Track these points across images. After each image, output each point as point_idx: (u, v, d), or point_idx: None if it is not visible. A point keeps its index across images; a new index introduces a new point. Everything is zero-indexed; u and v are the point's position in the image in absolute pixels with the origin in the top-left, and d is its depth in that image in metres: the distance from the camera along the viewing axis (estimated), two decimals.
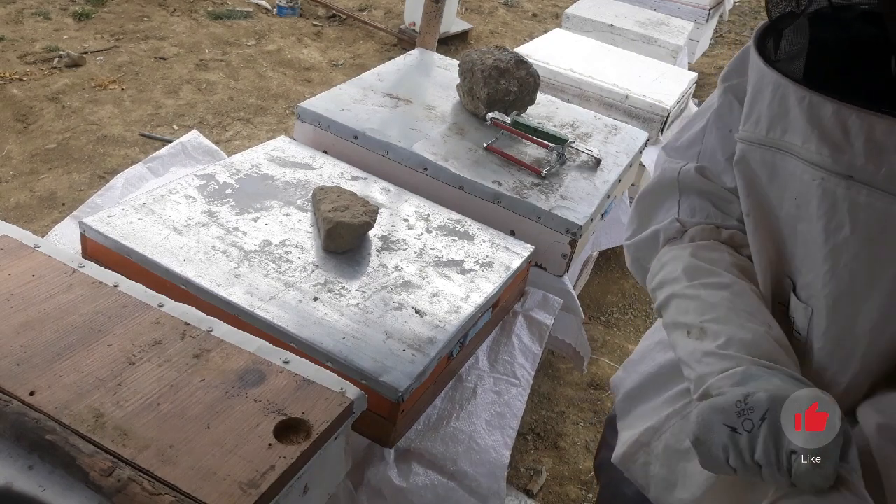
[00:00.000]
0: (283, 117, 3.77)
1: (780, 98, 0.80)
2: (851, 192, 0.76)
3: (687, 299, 0.89)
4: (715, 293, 0.87)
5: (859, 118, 0.74)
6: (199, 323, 1.00)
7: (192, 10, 4.83)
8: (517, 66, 1.94)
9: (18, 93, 3.51)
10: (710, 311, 0.85)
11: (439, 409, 1.33)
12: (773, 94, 0.81)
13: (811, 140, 0.77)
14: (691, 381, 0.83)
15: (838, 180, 0.77)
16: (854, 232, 0.77)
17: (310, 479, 0.88)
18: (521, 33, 5.58)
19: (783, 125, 0.80)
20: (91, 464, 0.77)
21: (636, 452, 1.01)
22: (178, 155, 1.82)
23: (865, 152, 0.74)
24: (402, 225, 1.51)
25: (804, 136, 0.78)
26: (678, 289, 0.90)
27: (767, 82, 0.82)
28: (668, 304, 0.92)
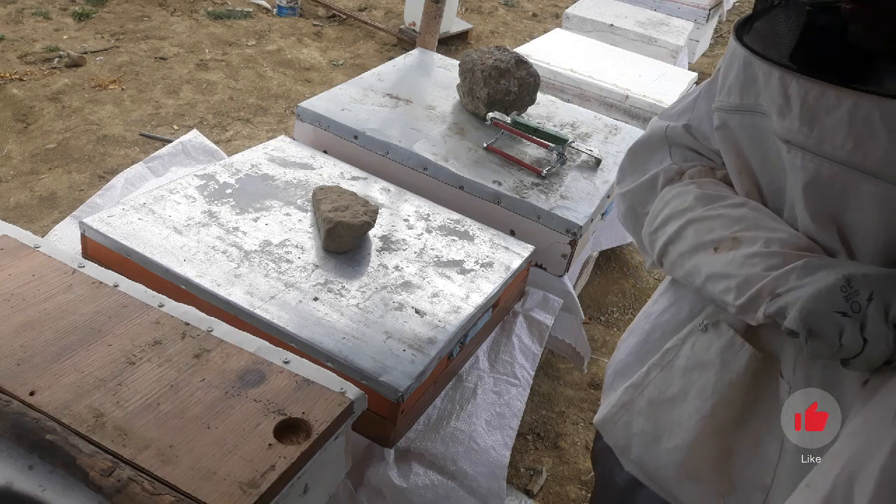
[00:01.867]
0: (283, 117, 3.77)
1: (748, 68, 0.86)
2: (790, 156, 0.81)
3: (708, 220, 0.91)
4: (736, 210, 0.89)
5: (798, 84, 0.79)
6: (199, 323, 1.00)
7: (192, 10, 4.83)
8: (517, 66, 1.94)
9: (18, 93, 3.51)
10: (738, 224, 0.87)
11: (439, 409, 1.33)
12: (742, 66, 0.87)
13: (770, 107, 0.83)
14: (730, 289, 0.83)
15: (780, 143, 0.82)
16: (793, 190, 0.83)
17: (310, 479, 0.88)
18: (521, 33, 5.58)
19: (755, 91, 0.86)
20: (91, 464, 0.77)
21: (617, 413, 1.02)
22: (178, 155, 1.82)
23: (801, 118, 0.79)
24: (402, 225, 1.51)
25: (767, 103, 0.84)
26: (695, 214, 0.92)
27: (737, 56, 0.88)
28: (683, 231, 0.93)
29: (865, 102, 0.74)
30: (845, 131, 0.76)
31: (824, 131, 0.77)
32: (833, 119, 0.76)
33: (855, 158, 0.76)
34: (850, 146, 0.76)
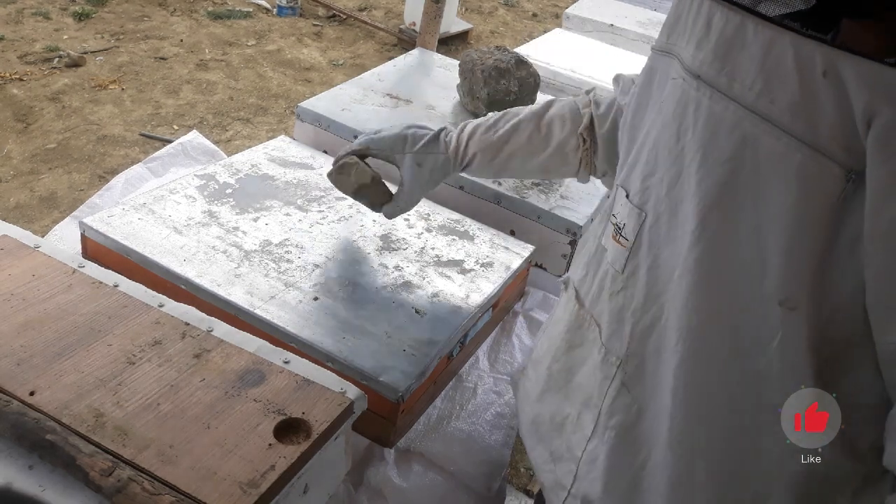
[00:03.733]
0: (283, 117, 3.77)
1: (679, 4, 0.83)
2: (699, 94, 0.75)
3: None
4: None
5: (721, 14, 0.73)
6: (199, 323, 1.00)
7: (192, 10, 4.83)
8: (517, 66, 1.94)
9: (18, 93, 3.52)
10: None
11: (439, 409, 1.33)
12: (675, 4, 0.85)
13: (690, 41, 0.79)
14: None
15: (691, 80, 0.77)
16: (694, 135, 0.77)
17: (310, 479, 0.88)
18: (521, 33, 5.58)
19: (678, 30, 0.83)
20: (91, 464, 0.77)
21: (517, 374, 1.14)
22: (178, 155, 1.82)
23: (715, 51, 0.74)
24: (402, 224, 1.51)
25: (686, 38, 0.80)
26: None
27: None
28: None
29: (781, 40, 0.67)
30: (756, 70, 0.69)
31: (736, 68, 0.71)
32: (746, 55, 0.70)
33: (761, 103, 0.69)
34: (759, 88, 0.69)
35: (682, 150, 0.78)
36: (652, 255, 0.85)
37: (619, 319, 0.90)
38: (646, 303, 0.86)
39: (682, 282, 0.79)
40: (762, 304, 0.72)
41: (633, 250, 0.87)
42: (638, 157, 0.89)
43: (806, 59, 0.65)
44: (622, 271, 0.89)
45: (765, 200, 0.70)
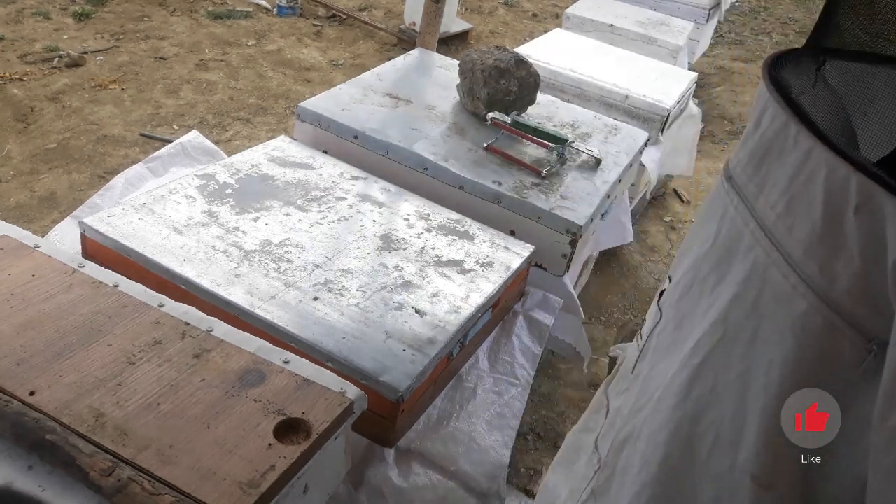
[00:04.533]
0: (283, 117, 3.77)
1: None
2: (728, 199, 0.65)
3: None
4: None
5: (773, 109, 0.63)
6: (199, 323, 0.99)
7: (192, 10, 4.83)
8: (517, 66, 1.93)
9: (18, 93, 3.51)
10: None
11: (439, 409, 1.33)
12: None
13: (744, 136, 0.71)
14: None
15: (725, 180, 0.67)
16: (714, 246, 0.67)
17: (310, 479, 0.88)
18: (521, 33, 5.58)
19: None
20: (91, 464, 0.77)
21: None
22: (178, 155, 1.82)
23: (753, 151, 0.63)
24: (402, 224, 1.51)
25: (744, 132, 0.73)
26: None
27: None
28: None
29: (817, 155, 0.53)
30: (784, 186, 0.56)
31: (767, 178, 0.59)
32: (780, 165, 0.58)
33: (779, 228, 0.56)
34: (781, 209, 0.56)
35: (701, 257, 0.68)
36: (651, 363, 0.75)
37: (612, 423, 0.81)
38: (629, 414, 0.76)
39: (661, 405, 0.68)
40: (731, 473, 0.58)
41: (643, 352, 0.78)
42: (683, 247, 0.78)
43: (837, 186, 0.50)
44: (632, 370, 0.80)
45: (758, 347, 0.57)
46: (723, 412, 0.60)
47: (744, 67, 5.50)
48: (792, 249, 0.54)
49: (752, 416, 0.57)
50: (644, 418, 0.72)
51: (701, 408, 0.62)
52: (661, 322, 0.74)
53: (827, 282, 0.51)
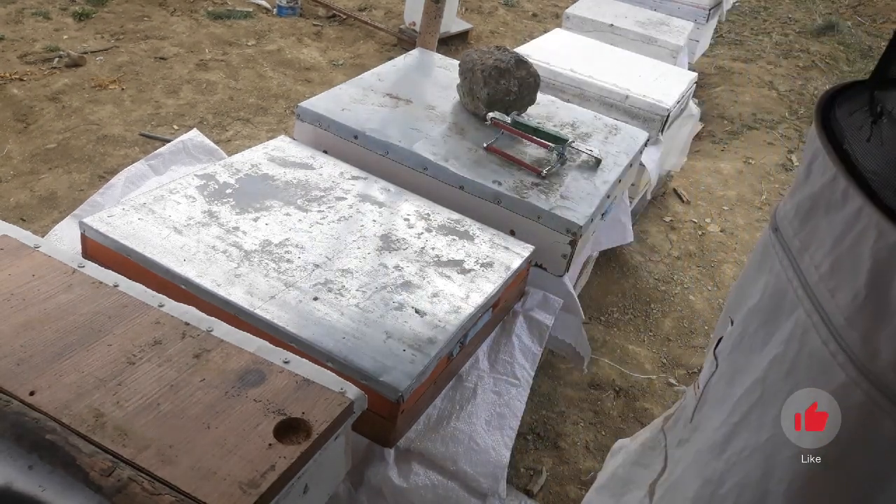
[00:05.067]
0: (283, 117, 3.77)
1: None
2: (773, 251, 0.61)
3: None
4: None
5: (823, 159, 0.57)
6: (199, 323, 0.99)
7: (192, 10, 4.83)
8: (517, 66, 1.94)
9: (18, 93, 3.51)
10: None
11: (439, 409, 1.33)
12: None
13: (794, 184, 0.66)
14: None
15: (771, 231, 0.62)
16: (762, 298, 0.62)
17: (310, 479, 0.88)
18: (521, 33, 5.58)
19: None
20: (91, 464, 0.77)
21: None
22: (178, 153, 1.82)
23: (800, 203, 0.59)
24: (403, 224, 1.51)
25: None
26: None
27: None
28: None
29: (868, 216, 0.49)
30: (830, 246, 0.52)
31: (813, 234, 0.55)
32: (826, 222, 0.53)
33: (822, 290, 0.52)
34: (825, 269, 0.52)
35: (752, 310, 0.64)
36: (707, 415, 0.69)
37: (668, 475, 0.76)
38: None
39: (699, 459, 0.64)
40: None
41: (700, 402, 0.72)
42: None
43: (886, 252, 0.46)
44: (690, 420, 0.74)
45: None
46: (749, 477, 0.56)
47: (744, 67, 5.50)
48: (833, 314, 0.50)
49: (775, 486, 0.53)
50: (685, 469, 0.69)
51: (728, 469, 0.59)
52: (717, 373, 0.69)
53: (869, 355, 0.47)
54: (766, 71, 5.49)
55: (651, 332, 2.72)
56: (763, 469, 0.55)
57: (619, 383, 2.43)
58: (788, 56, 5.69)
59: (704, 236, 3.36)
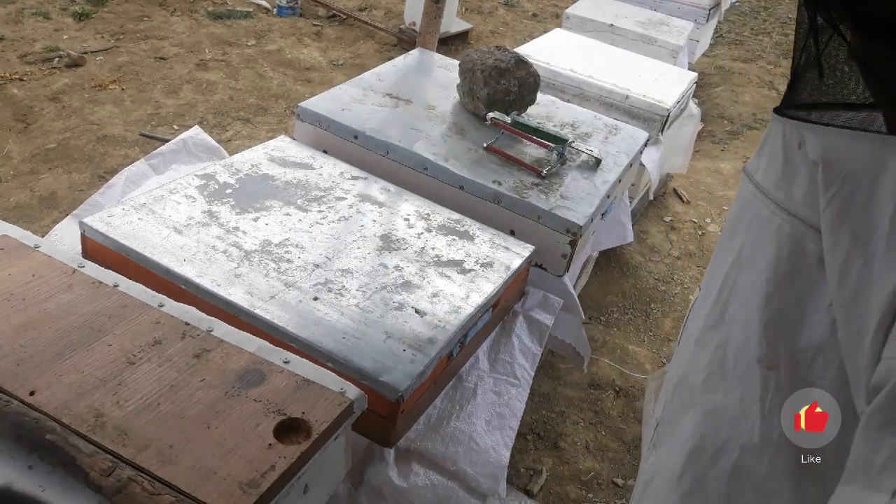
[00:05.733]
0: (283, 117, 3.77)
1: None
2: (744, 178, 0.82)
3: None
4: None
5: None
6: (199, 323, 0.99)
7: (192, 10, 4.83)
8: (517, 66, 1.93)
9: (18, 93, 3.51)
10: None
11: (439, 409, 1.33)
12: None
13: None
14: None
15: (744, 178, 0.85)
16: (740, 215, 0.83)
17: (310, 479, 0.88)
18: (521, 33, 5.58)
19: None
20: (91, 464, 0.77)
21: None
22: (179, 152, 1.82)
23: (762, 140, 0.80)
24: (402, 224, 1.51)
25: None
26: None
27: None
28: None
29: (792, 129, 0.71)
30: (768, 156, 0.74)
31: (764, 158, 0.76)
32: (766, 147, 0.76)
33: (765, 181, 0.74)
34: (763, 165, 0.75)
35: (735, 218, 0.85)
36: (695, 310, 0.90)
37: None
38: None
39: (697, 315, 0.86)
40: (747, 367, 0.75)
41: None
42: None
43: (790, 135, 0.71)
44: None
45: (756, 263, 0.74)
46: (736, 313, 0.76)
47: (744, 67, 5.50)
48: (769, 187, 0.74)
49: (754, 315, 0.73)
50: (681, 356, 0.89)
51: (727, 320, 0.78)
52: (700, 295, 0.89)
53: (789, 200, 0.70)
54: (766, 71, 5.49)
55: (651, 332, 2.72)
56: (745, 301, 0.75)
57: (618, 383, 2.43)
58: (788, 56, 5.69)
59: (704, 236, 3.36)
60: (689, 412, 0.84)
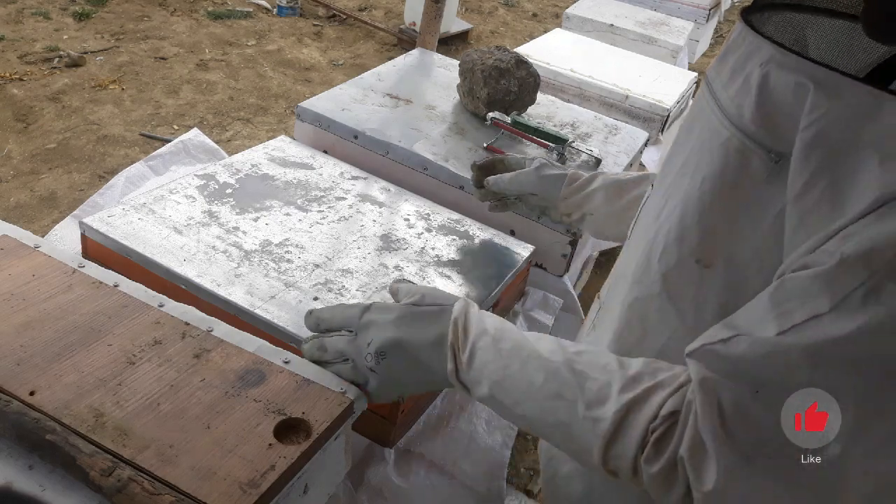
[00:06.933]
0: (283, 117, 3.77)
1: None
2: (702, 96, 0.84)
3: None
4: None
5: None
6: (199, 323, 0.99)
7: (192, 10, 4.83)
8: (517, 66, 1.94)
9: (18, 93, 3.52)
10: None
11: (439, 409, 1.33)
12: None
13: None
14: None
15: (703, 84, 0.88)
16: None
17: (310, 479, 0.88)
18: (521, 33, 5.58)
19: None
20: (91, 464, 0.77)
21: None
22: (178, 153, 1.82)
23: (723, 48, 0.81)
24: (403, 224, 1.51)
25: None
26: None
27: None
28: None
29: (751, 39, 0.72)
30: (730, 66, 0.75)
31: (725, 69, 0.76)
32: (729, 58, 0.76)
33: (721, 96, 0.75)
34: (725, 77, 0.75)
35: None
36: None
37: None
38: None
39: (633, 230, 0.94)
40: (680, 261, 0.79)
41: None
42: None
43: (749, 44, 0.72)
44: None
45: (700, 170, 0.77)
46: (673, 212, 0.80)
47: None
48: (724, 100, 0.75)
49: (693, 216, 0.77)
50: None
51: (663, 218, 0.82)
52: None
53: (739, 116, 0.71)
54: None
55: None
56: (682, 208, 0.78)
57: None
58: None
59: None
60: (621, 299, 0.89)
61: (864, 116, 0.60)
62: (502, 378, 0.81)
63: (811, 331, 0.61)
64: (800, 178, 0.65)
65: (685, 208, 0.77)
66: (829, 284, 0.60)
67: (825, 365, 0.61)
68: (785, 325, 0.62)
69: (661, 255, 0.80)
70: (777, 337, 0.63)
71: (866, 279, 0.58)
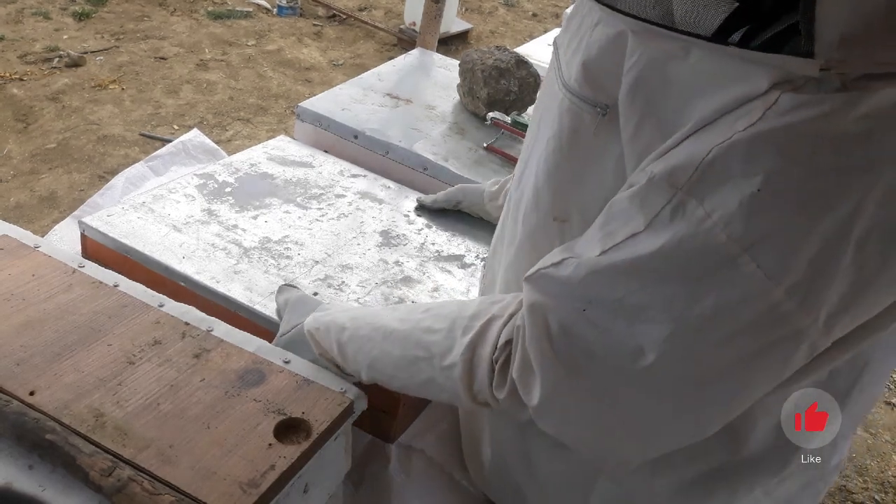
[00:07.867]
0: (283, 117, 3.77)
1: None
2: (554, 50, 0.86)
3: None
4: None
5: None
6: (199, 323, 1.00)
7: (192, 10, 4.84)
8: (517, 66, 1.93)
9: (18, 93, 3.52)
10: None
11: (440, 407, 1.33)
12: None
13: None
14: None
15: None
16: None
17: (310, 479, 0.88)
18: (521, 33, 5.58)
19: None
20: (91, 463, 0.77)
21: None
22: (178, 154, 1.82)
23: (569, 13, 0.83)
24: (403, 220, 1.51)
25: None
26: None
27: None
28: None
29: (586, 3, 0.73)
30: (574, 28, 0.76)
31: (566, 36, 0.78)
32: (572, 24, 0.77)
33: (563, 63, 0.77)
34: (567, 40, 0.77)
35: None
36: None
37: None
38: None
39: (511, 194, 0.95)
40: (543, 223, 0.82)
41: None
42: None
43: (585, 13, 0.74)
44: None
45: (544, 134, 0.80)
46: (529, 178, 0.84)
47: None
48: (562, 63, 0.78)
49: (544, 179, 0.80)
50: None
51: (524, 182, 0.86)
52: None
53: (569, 78, 0.74)
54: None
55: None
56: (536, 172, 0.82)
57: None
58: None
59: None
60: (500, 261, 0.94)
61: (676, 58, 0.63)
62: (372, 360, 0.89)
63: (629, 248, 0.63)
64: (629, 122, 0.67)
65: (538, 171, 0.81)
66: (643, 203, 0.63)
67: (638, 279, 0.63)
68: (607, 244, 0.65)
69: (523, 217, 0.84)
70: (599, 256, 0.65)
71: (672, 197, 0.60)
